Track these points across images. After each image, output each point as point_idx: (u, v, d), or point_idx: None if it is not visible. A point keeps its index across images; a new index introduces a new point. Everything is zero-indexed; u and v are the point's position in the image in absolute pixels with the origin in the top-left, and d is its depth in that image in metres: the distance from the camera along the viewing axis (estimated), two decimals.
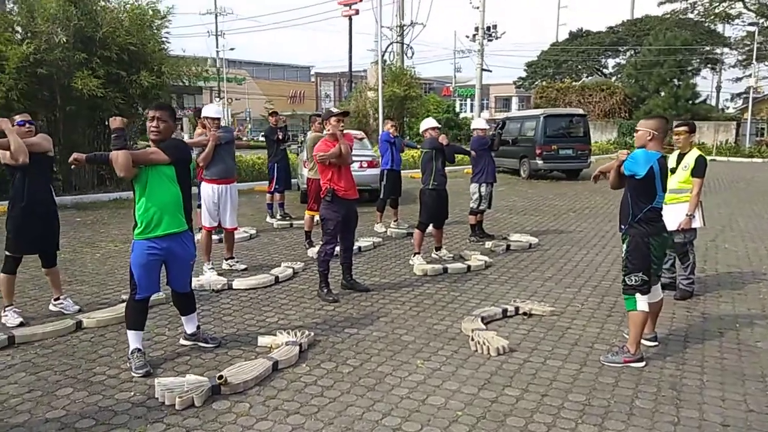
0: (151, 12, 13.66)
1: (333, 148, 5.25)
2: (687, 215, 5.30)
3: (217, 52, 48.54)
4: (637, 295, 4.01)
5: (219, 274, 6.13)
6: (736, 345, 4.40)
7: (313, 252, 7.09)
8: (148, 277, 3.90)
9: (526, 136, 17.53)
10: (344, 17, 33.83)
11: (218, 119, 6.15)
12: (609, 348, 4.25)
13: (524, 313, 5.04)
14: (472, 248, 7.62)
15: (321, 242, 5.55)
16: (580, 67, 46.84)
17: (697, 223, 5.35)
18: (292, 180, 11.23)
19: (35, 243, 4.81)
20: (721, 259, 7.10)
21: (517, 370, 3.94)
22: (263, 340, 4.33)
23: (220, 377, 3.56)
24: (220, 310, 5.18)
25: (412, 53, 29.03)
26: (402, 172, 9.32)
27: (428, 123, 6.96)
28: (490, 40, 33.15)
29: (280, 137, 9.17)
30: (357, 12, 32.46)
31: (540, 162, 16.68)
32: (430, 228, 7.02)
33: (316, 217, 7.94)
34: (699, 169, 5.29)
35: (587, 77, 40.45)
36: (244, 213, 9.74)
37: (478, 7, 31.37)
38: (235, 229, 6.37)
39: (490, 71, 35.34)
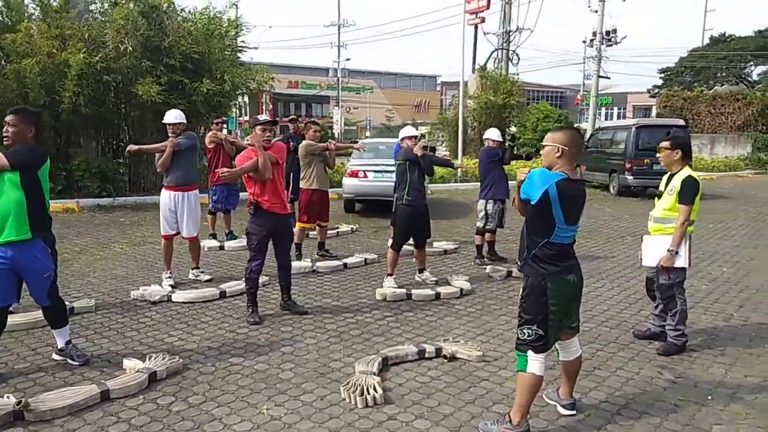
0: (227, 22, 14.20)
1: (250, 161, 4.82)
2: (668, 250, 4.22)
3: (338, 62, 49.84)
4: (529, 353, 3.15)
5: (175, 285, 5.95)
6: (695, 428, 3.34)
7: (294, 265, 6.68)
8: None
9: (616, 149, 15.88)
10: (470, 25, 33.00)
11: (177, 125, 5.97)
12: (499, 414, 3.41)
13: (445, 356, 4.26)
14: (470, 271, 6.82)
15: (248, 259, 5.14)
16: (721, 74, 42.17)
17: (681, 262, 4.23)
18: None
19: None
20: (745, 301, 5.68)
21: (369, 428, 3.26)
22: (127, 363, 4.00)
23: (19, 402, 3.27)
24: (133, 323, 4.95)
25: (518, 60, 27.65)
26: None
27: (404, 132, 6.29)
28: (609, 45, 30.76)
29: (290, 147, 8.88)
30: (483, 20, 31.47)
31: (630, 177, 14.98)
32: (411, 248, 6.33)
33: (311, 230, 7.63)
34: (686, 194, 4.18)
35: (720, 86, 36.10)
36: None
37: (596, 11, 29.33)
38: (195, 238, 6.15)
39: (608, 78, 32.83)
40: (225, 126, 9.20)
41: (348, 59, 48.11)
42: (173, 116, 6.00)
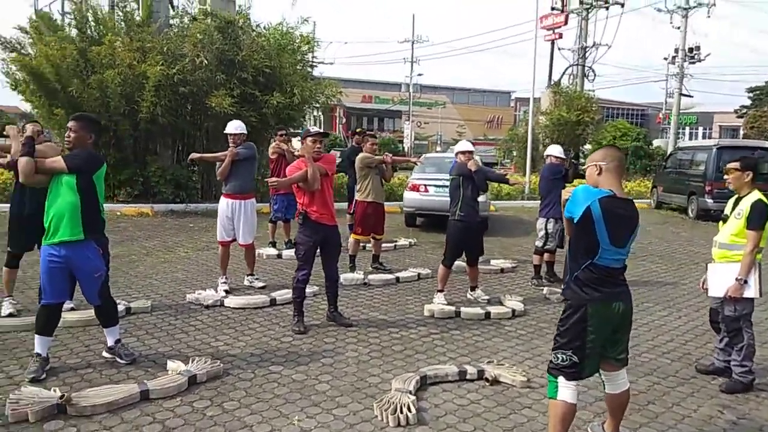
0: (299, 38, 14.57)
1: (299, 171, 4.86)
2: (737, 279, 3.89)
3: (410, 77, 50.11)
4: (560, 379, 2.97)
5: (229, 290, 6.07)
6: None
7: (346, 277, 6.70)
8: (51, 283, 3.91)
9: (696, 170, 15.04)
10: (546, 41, 32.26)
11: (238, 135, 6.12)
12: None
13: (487, 379, 4.09)
14: (526, 292, 6.59)
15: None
16: None
17: (750, 292, 3.89)
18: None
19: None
20: None
21: None
22: (171, 365, 4.09)
23: (62, 396, 3.40)
24: (184, 326, 5.07)
25: (594, 76, 26.83)
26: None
27: (460, 146, 6.18)
28: (692, 63, 29.35)
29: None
30: (561, 36, 30.75)
31: (710, 201, 14.12)
32: (463, 264, 6.18)
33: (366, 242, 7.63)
34: (755, 219, 3.86)
35: None
36: None
37: (678, 28, 28.10)
38: (250, 245, 6.26)
39: (691, 96, 31.22)
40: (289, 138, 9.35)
41: (420, 74, 48.30)
42: (234, 127, 6.17)
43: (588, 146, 26.12)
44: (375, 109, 62.90)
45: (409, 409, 3.51)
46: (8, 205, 5.23)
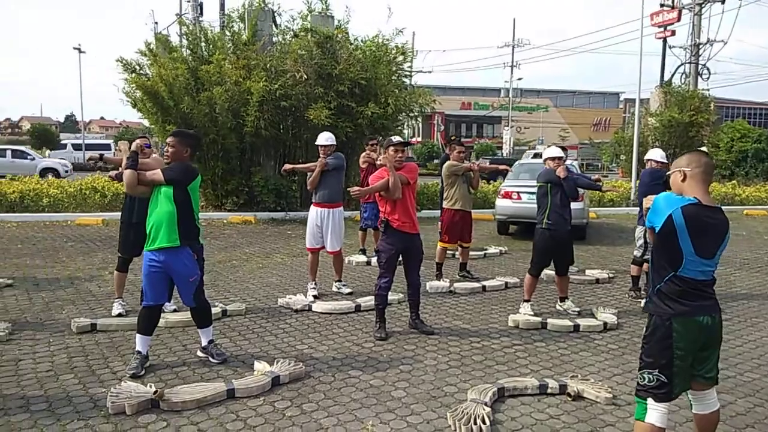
0: (395, 49, 14.78)
1: (381, 180, 4.93)
2: None
3: (510, 82, 49.15)
4: (649, 401, 2.80)
5: (318, 296, 6.28)
6: None
7: (432, 285, 6.73)
8: (150, 286, 4.25)
9: None
10: (658, 39, 30.59)
11: (328, 146, 6.33)
12: None
13: (569, 394, 3.94)
14: (622, 304, 6.27)
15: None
16: None
17: None
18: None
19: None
20: None
21: None
22: (257, 366, 4.30)
23: (155, 392, 3.67)
24: (273, 328, 5.30)
25: (709, 74, 25.03)
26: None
27: (548, 152, 5.99)
28: None
29: None
30: (673, 33, 28.98)
31: None
32: (552, 274, 5.99)
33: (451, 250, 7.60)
34: None
35: None
36: None
37: None
38: (338, 252, 6.43)
39: None
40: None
41: (520, 79, 47.15)
42: (324, 138, 6.39)
43: (703, 149, 24.35)
44: (473, 115, 62.35)
45: (483, 421, 3.46)
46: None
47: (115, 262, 5.71)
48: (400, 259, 5.19)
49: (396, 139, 5.12)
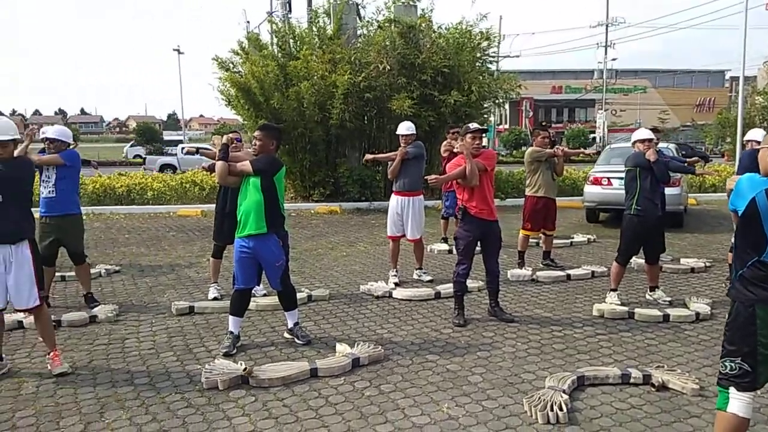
0: (479, 34, 14.59)
1: (458, 168, 4.95)
2: None
3: (604, 63, 46.96)
4: (731, 389, 2.69)
5: (399, 283, 6.41)
6: None
7: (514, 273, 6.69)
8: (242, 271, 4.53)
9: None
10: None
11: (409, 136, 6.41)
12: None
13: (653, 384, 3.82)
14: (718, 294, 5.95)
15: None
16: None
17: None
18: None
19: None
20: None
21: None
22: (339, 348, 4.48)
23: (245, 369, 3.92)
24: (355, 313, 5.48)
25: None
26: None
27: (637, 134, 5.75)
28: None
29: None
30: None
31: None
32: (642, 263, 5.76)
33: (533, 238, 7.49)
34: None
35: None
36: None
37: None
38: (418, 240, 6.52)
39: None
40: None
41: (614, 59, 44.89)
42: (405, 128, 6.48)
43: None
44: (564, 99, 60.24)
45: (560, 408, 3.44)
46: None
47: (212, 249, 6.10)
48: (479, 247, 5.20)
49: (473, 126, 5.12)
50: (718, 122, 25.41)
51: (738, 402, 2.67)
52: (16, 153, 4.19)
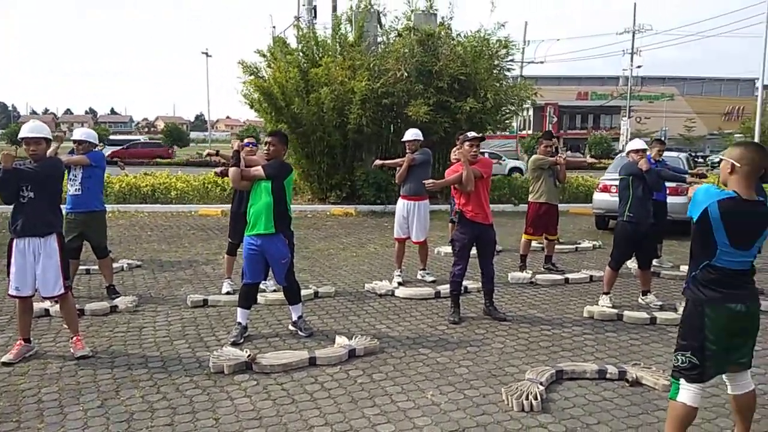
0: (496, 43, 14.80)
1: (455, 174, 5.24)
2: None
3: (631, 70, 46.63)
4: (682, 381, 2.95)
5: (402, 282, 6.72)
6: None
7: (514, 276, 6.95)
8: (250, 267, 4.89)
9: None
10: None
11: (411, 142, 6.72)
12: None
13: (627, 380, 4.07)
14: None
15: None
16: None
17: None
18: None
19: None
20: None
21: (514, 429, 3.42)
22: (338, 340, 4.80)
23: (249, 356, 4.27)
24: (357, 309, 5.80)
25: None
26: None
27: (632, 144, 5.97)
28: None
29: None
30: None
31: None
32: (631, 268, 5.98)
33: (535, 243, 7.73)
34: None
35: None
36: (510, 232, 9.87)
37: None
38: (423, 242, 6.81)
39: None
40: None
41: (639, 66, 44.58)
42: (410, 134, 6.79)
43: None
44: (589, 106, 59.89)
45: (535, 397, 3.71)
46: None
47: (226, 246, 6.48)
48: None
49: (471, 134, 5.42)
50: (741, 131, 25.14)
51: (687, 392, 2.93)
52: (48, 153, 4.61)
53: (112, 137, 45.65)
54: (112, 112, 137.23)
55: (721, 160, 3.02)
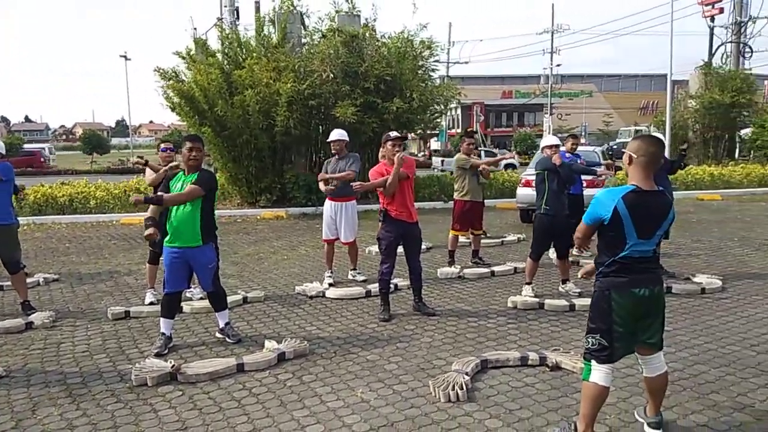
0: (420, 44, 15.01)
1: (381, 177, 5.31)
2: None
3: (551, 68, 48.41)
4: (593, 362, 3.12)
5: (333, 283, 6.73)
6: None
7: (443, 271, 7.09)
8: (172, 275, 4.76)
9: None
10: (706, 18, 29.58)
11: (338, 141, 6.75)
12: (565, 421, 3.37)
13: (547, 365, 4.25)
14: None
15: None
16: None
17: None
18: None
19: None
20: None
21: (442, 420, 3.50)
22: (267, 344, 4.75)
23: (173, 366, 4.17)
24: (288, 313, 5.77)
25: (751, 53, 24.29)
26: None
27: (545, 141, 6.25)
28: None
29: None
30: (721, 11, 28.05)
31: None
32: (553, 258, 6.25)
33: (463, 238, 7.92)
34: None
35: None
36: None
37: None
38: (352, 242, 6.85)
39: None
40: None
41: (559, 65, 46.42)
42: (336, 135, 6.88)
43: (746, 131, 23.68)
44: (513, 104, 61.76)
45: (461, 387, 3.82)
46: None
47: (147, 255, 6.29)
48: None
49: (393, 134, 5.49)
50: (654, 124, 26.63)
51: (598, 373, 3.10)
52: None
53: (27, 146, 42.99)
54: (27, 119, 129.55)
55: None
